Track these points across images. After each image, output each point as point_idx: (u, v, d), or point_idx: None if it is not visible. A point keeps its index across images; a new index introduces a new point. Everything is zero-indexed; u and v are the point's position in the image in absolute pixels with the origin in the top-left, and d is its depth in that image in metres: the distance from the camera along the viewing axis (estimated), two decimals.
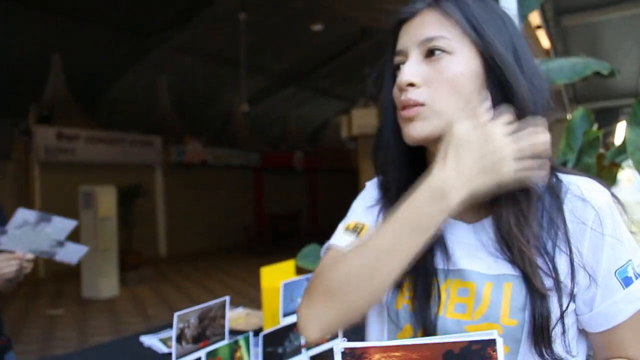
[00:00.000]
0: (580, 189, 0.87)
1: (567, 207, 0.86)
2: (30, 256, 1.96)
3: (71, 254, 2.10)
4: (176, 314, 1.27)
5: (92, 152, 11.87)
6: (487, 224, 0.89)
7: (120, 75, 12.26)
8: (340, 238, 0.97)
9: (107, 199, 9.35)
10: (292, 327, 1.56)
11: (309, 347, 1.59)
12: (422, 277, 0.89)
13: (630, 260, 0.84)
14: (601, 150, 2.61)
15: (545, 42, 5.76)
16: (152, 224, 13.99)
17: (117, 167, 12.24)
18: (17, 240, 1.92)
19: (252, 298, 7.12)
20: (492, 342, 0.55)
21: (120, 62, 11.86)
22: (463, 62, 0.87)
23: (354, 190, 1.10)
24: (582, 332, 0.89)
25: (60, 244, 2.05)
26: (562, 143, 2.87)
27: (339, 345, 0.61)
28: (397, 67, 0.93)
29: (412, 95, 0.87)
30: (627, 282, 0.83)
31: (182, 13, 11.01)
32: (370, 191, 1.06)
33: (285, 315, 1.58)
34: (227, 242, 16.12)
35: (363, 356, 0.59)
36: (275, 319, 1.61)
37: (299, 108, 18.34)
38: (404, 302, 0.90)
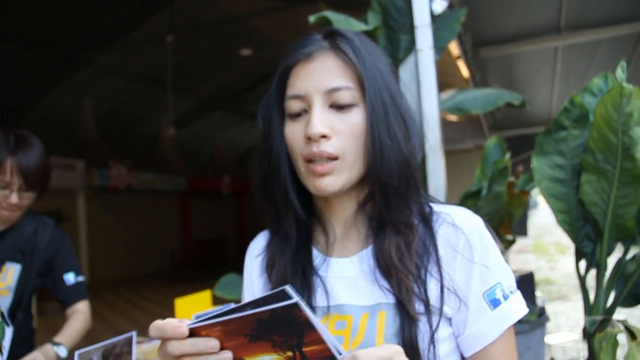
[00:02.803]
0: (451, 217, 0.92)
1: (439, 235, 0.91)
2: None
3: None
4: (77, 353, 1.21)
5: None
6: (370, 252, 0.93)
7: (43, 95, 11.80)
8: None
9: None
10: None
11: None
12: None
13: (499, 282, 0.89)
14: (512, 179, 2.72)
15: (464, 71, 5.96)
16: None
17: None
18: None
19: None
20: (294, 305, 0.59)
21: (43, 82, 11.42)
22: (363, 113, 0.90)
23: None
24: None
25: None
26: (478, 170, 2.98)
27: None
28: (295, 113, 0.92)
29: (326, 147, 0.87)
30: (495, 303, 0.88)
31: (108, 33, 10.75)
32: (256, 243, 1.11)
33: None
34: (152, 268, 15.71)
35: (193, 332, 0.66)
36: None
37: (226, 132, 18.20)
38: None
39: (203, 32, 11.37)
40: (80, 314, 2.15)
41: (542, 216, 34.70)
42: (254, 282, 1.08)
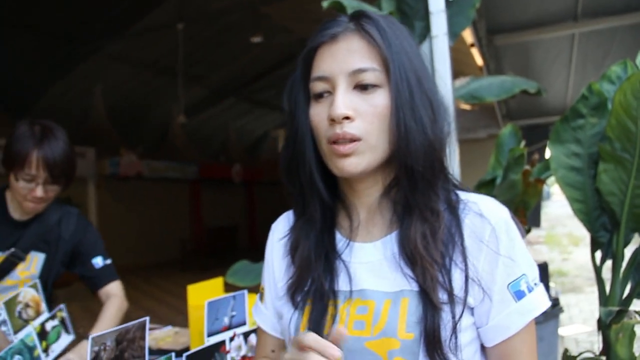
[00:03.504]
0: (478, 206, 0.91)
1: (465, 224, 0.90)
2: None
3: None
4: (90, 337, 1.21)
5: None
6: (394, 238, 0.92)
7: (52, 83, 11.83)
8: (257, 308, 1.12)
9: None
10: (217, 347, 1.51)
11: None
12: (318, 300, 0.93)
13: (524, 274, 0.88)
14: (527, 167, 2.69)
15: (478, 59, 5.91)
16: None
17: None
18: None
19: (188, 316, 6.97)
20: None
21: (53, 70, 11.45)
22: (388, 95, 0.89)
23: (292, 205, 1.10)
24: (483, 350, 0.93)
25: None
26: (492, 159, 2.94)
27: None
28: (319, 95, 0.91)
29: (349, 129, 0.87)
30: (519, 295, 0.88)
31: (118, 21, 10.74)
32: (278, 225, 1.11)
33: (210, 334, 1.53)
34: (163, 256, 15.75)
35: None
36: (202, 337, 1.56)
37: (238, 120, 18.18)
38: (306, 325, 0.93)
39: (213, 19, 11.33)
40: (114, 297, 2.16)
41: (555, 207, 34.53)
42: (275, 264, 1.08)
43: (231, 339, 1.56)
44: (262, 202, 20.32)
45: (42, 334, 1.76)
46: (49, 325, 1.81)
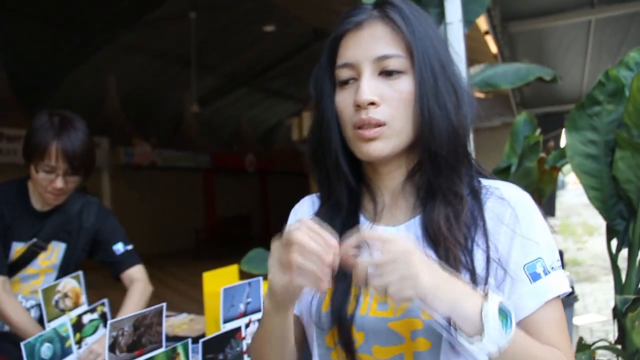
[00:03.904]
0: (500, 191, 0.93)
1: (487, 207, 0.92)
2: None
3: None
4: (109, 322, 1.22)
5: None
6: (417, 222, 0.94)
7: (66, 74, 11.87)
8: None
9: None
10: (233, 333, 1.52)
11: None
12: (342, 280, 0.92)
13: (540, 257, 0.89)
14: (542, 155, 2.67)
15: (493, 47, 5.86)
16: None
17: None
18: None
19: (202, 304, 7.01)
20: None
21: (67, 61, 11.49)
22: (412, 81, 0.90)
23: (305, 193, 1.11)
24: None
25: None
26: (507, 147, 2.93)
27: None
28: (345, 82, 0.93)
29: (374, 114, 0.88)
30: (534, 277, 0.88)
31: (130, 11, 10.76)
32: (301, 208, 1.11)
33: (226, 321, 1.54)
34: (176, 245, 15.81)
35: None
36: (217, 324, 1.57)
37: (250, 109, 18.18)
38: (329, 305, 0.94)
39: (226, 8, 11.31)
40: (137, 282, 2.20)
41: (569, 196, 34.31)
42: None
43: (247, 326, 1.57)
44: (275, 192, 20.32)
45: (78, 325, 1.77)
46: (86, 318, 1.82)
